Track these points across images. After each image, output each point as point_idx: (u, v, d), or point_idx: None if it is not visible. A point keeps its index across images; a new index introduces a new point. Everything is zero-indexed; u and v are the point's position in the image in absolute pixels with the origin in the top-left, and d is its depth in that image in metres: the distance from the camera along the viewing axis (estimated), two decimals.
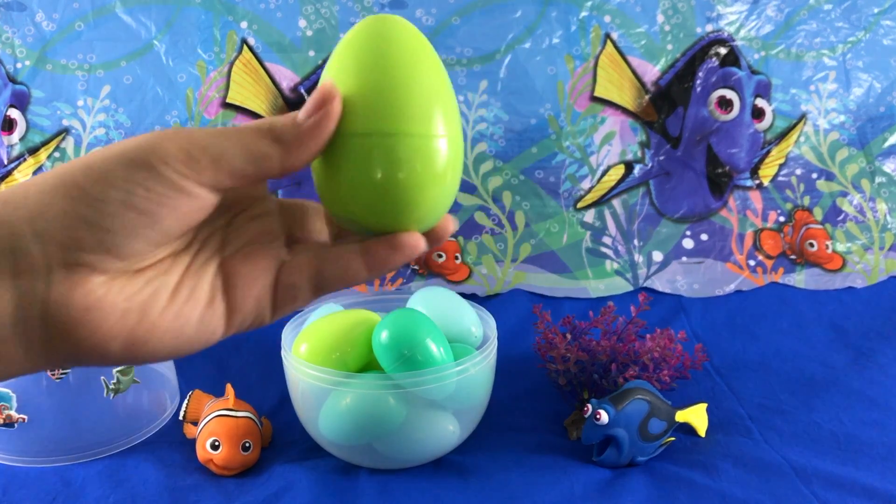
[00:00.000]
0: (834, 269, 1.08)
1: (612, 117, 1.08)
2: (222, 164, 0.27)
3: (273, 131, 0.28)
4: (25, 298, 0.25)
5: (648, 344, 0.80)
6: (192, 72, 1.03)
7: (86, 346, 0.27)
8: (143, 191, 0.26)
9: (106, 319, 0.26)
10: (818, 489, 0.68)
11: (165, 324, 0.28)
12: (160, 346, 0.28)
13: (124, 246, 0.26)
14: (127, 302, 0.27)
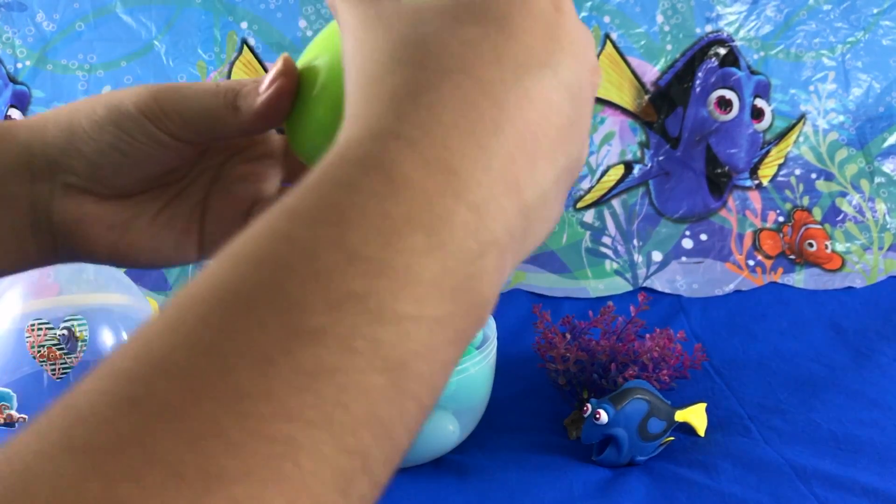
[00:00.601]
0: (833, 269, 1.08)
1: (611, 117, 1.08)
2: (189, 126, 0.30)
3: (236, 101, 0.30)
4: (37, 207, 0.31)
5: (648, 344, 0.81)
6: (193, 72, 1.03)
7: (79, 249, 0.32)
8: (128, 138, 0.30)
9: (93, 230, 0.32)
10: (817, 488, 0.68)
11: (143, 243, 0.33)
12: (139, 259, 0.33)
13: (111, 179, 0.31)
14: (111, 219, 0.32)
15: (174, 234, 0.33)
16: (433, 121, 0.20)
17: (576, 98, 0.23)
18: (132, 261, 0.33)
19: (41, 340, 0.74)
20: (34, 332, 0.74)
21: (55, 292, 0.77)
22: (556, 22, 0.23)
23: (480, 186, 0.20)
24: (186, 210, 0.34)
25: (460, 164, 0.20)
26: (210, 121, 0.30)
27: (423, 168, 0.19)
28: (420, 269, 0.18)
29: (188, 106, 0.30)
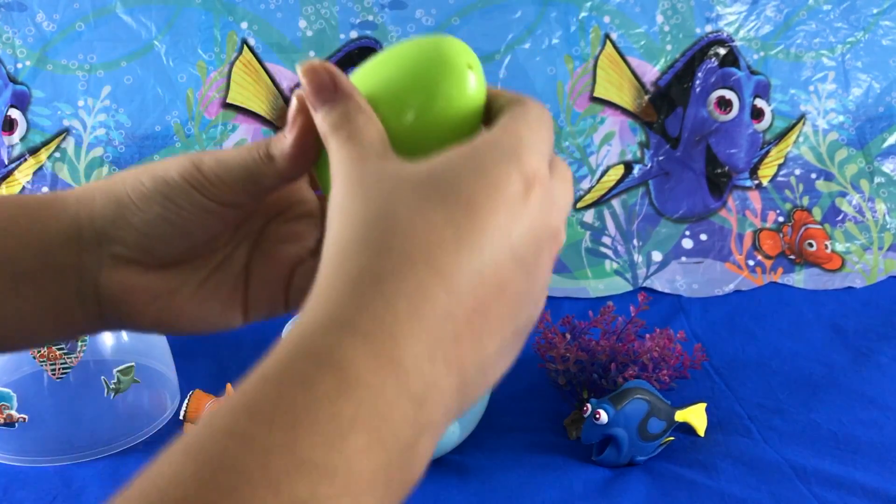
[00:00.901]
0: (833, 269, 1.08)
1: (611, 118, 1.08)
2: (231, 186, 0.31)
3: (269, 151, 0.30)
4: (85, 273, 0.32)
5: (648, 344, 0.81)
6: (193, 72, 1.03)
7: (124, 318, 0.33)
8: (176, 208, 0.31)
9: (139, 299, 0.32)
10: (817, 488, 0.68)
11: (188, 311, 0.33)
12: (184, 326, 0.33)
13: (158, 249, 0.32)
14: (157, 289, 0.32)
15: (219, 301, 0.34)
16: (388, 311, 0.22)
17: (531, 269, 0.25)
18: (177, 328, 0.33)
19: None
20: None
21: None
22: (524, 201, 0.24)
23: (423, 376, 0.22)
24: (230, 277, 0.34)
25: (408, 358, 0.22)
26: (250, 177, 0.30)
27: (373, 363, 0.21)
28: (360, 468, 0.20)
29: (227, 168, 0.30)
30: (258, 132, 1.04)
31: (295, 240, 0.34)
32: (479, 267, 0.23)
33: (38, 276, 0.31)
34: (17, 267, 0.31)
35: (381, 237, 0.23)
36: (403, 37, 1.05)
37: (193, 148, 1.03)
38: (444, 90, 0.28)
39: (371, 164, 0.25)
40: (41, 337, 0.34)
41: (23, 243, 0.31)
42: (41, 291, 0.31)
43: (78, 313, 0.32)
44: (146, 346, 0.82)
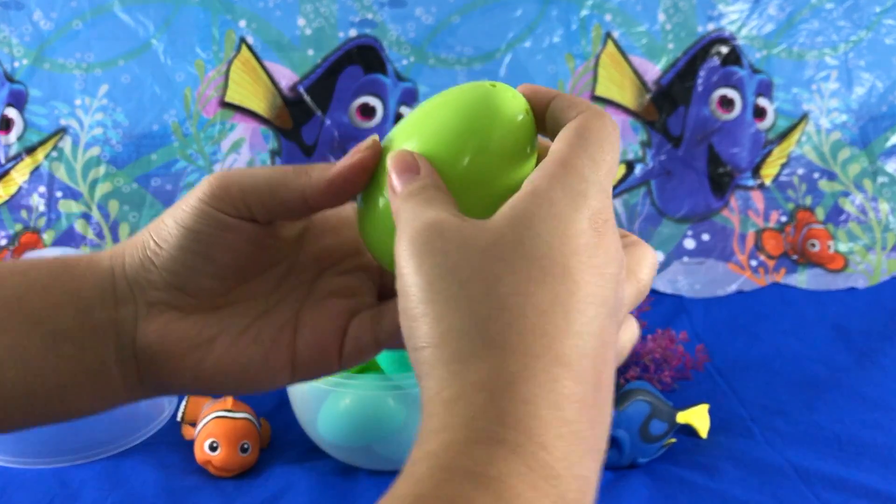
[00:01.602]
0: (836, 270, 1.07)
1: (613, 117, 1.07)
2: (252, 196, 0.30)
3: (307, 168, 0.30)
4: (123, 327, 0.31)
5: (649, 345, 0.80)
6: (191, 71, 1.03)
7: (164, 374, 0.31)
8: (194, 234, 0.30)
9: (177, 350, 0.31)
10: (820, 490, 0.68)
11: (230, 360, 0.31)
12: (226, 380, 0.32)
13: (188, 283, 0.31)
14: (197, 336, 0.31)
15: (262, 351, 0.32)
16: (531, 418, 0.22)
17: (617, 313, 0.26)
18: (219, 382, 0.32)
19: None
20: None
21: None
22: (598, 246, 0.25)
23: (575, 477, 0.22)
24: (275, 327, 0.32)
25: (559, 463, 0.22)
26: (271, 188, 0.30)
27: (529, 476, 0.21)
28: None
29: (248, 179, 0.30)
30: (256, 131, 1.04)
31: (350, 294, 0.33)
32: (592, 343, 0.24)
33: (76, 333, 0.30)
34: (57, 324, 0.30)
35: (499, 333, 0.23)
36: (403, 35, 1.05)
37: (191, 147, 1.03)
38: (497, 140, 0.28)
39: (450, 230, 0.25)
40: (79, 403, 0.32)
41: (62, 301, 0.30)
42: (80, 349, 0.30)
43: (116, 374, 0.31)
44: None
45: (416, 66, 1.05)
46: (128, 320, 0.31)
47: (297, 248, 0.34)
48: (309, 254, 0.34)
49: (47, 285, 0.30)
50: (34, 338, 0.30)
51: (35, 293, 0.30)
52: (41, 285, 0.30)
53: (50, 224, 1.01)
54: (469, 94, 0.29)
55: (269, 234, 0.32)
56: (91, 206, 1.01)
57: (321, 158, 1.04)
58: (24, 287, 0.30)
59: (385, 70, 1.05)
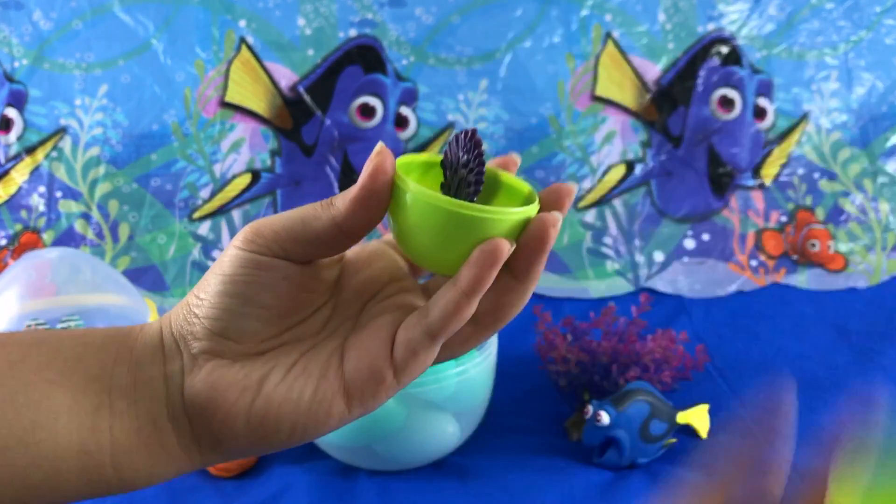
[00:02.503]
0: (836, 270, 1.07)
1: (613, 117, 1.07)
2: (287, 235, 0.31)
3: (332, 199, 0.31)
4: (172, 387, 0.31)
5: (650, 345, 0.80)
6: (191, 71, 1.03)
7: (216, 427, 0.31)
8: (231, 277, 0.31)
9: (227, 397, 0.31)
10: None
11: (280, 396, 0.31)
12: (279, 420, 0.31)
13: (232, 328, 0.31)
14: (245, 379, 0.31)
15: (312, 383, 0.31)
16: None
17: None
18: (272, 424, 0.31)
19: None
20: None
21: (52, 292, 0.76)
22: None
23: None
24: (322, 358, 0.32)
25: None
26: (304, 223, 0.30)
27: None
28: None
29: (279, 219, 0.31)
30: (256, 131, 1.04)
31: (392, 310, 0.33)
32: None
33: (129, 390, 0.31)
34: (112, 381, 0.31)
35: None
36: (403, 35, 1.05)
37: (191, 147, 1.03)
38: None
39: None
40: (134, 467, 0.31)
41: (116, 360, 0.31)
42: (133, 405, 0.31)
43: (170, 432, 0.31)
44: None
45: (416, 65, 1.05)
46: (176, 374, 0.31)
47: (338, 289, 0.34)
48: (349, 290, 0.34)
49: (102, 346, 0.32)
50: (90, 394, 0.30)
51: (91, 353, 0.31)
52: (97, 346, 0.31)
53: (50, 224, 1.01)
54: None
55: (310, 276, 0.33)
56: (91, 206, 1.01)
57: (321, 158, 1.04)
58: (82, 348, 0.31)
59: (385, 70, 1.05)
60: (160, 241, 1.01)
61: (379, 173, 0.30)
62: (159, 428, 0.31)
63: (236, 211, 1.03)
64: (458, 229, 0.30)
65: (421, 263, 0.33)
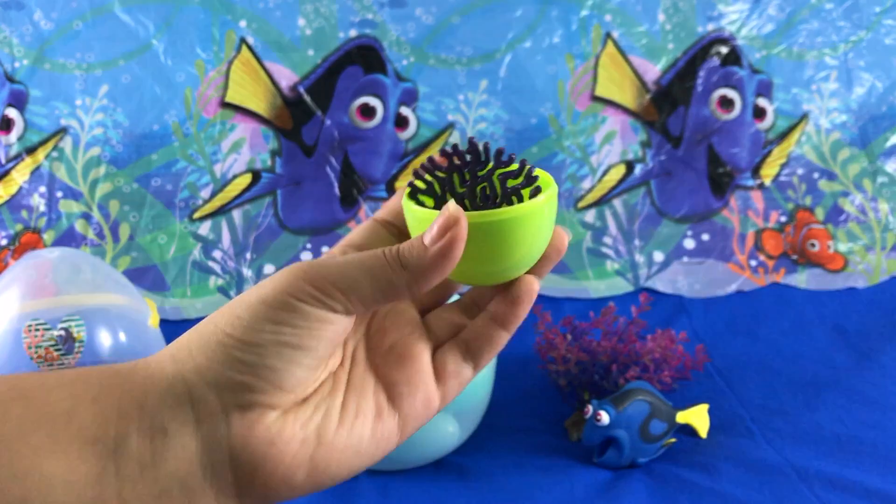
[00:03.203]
0: (836, 270, 1.07)
1: (612, 117, 1.07)
2: (353, 295, 0.29)
3: (402, 260, 0.29)
4: (211, 444, 0.27)
5: (649, 344, 0.80)
6: (191, 71, 1.03)
7: (273, 482, 0.28)
8: (289, 329, 0.28)
9: (288, 450, 0.28)
10: (820, 490, 0.68)
11: (341, 443, 0.30)
12: (341, 465, 0.30)
13: (287, 378, 0.28)
14: (303, 430, 0.29)
15: (369, 424, 0.31)
16: None
17: None
18: (333, 472, 0.29)
19: (38, 341, 0.73)
20: (31, 332, 0.73)
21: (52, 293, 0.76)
22: None
23: None
24: (370, 392, 0.32)
25: None
26: (379, 285, 0.28)
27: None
28: None
29: (343, 275, 0.28)
30: (257, 131, 1.04)
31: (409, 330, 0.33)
32: None
33: (144, 452, 0.26)
34: (119, 443, 0.26)
35: None
36: (403, 35, 1.05)
37: (191, 147, 1.03)
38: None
39: None
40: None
41: (122, 415, 0.27)
42: (151, 468, 0.26)
43: (205, 490, 0.27)
44: (144, 347, 0.81)
45: (416, 66, 1.05)
46: (215, 431, 0.27)
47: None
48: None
49: (97, 398, 0.27)
50: (88, 459, 0.26)
51: (85, 408, 0.26)
52: (90, 398, 0.26)
53: (50, 224, 1.01)
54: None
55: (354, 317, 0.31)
56: (91, 206, 1.01)
57: (321, 158, 1.04)
58: (71, 401, 0.26)
59: (385, 70, 1.05)
60: (161, 241, 1.02)
61: (456, 247, 0.28)
62: (190, 489, 0.27)
63: (236, 211, 1.03)
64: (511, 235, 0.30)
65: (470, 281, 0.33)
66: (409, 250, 0.29)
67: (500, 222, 0.29)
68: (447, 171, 0.33)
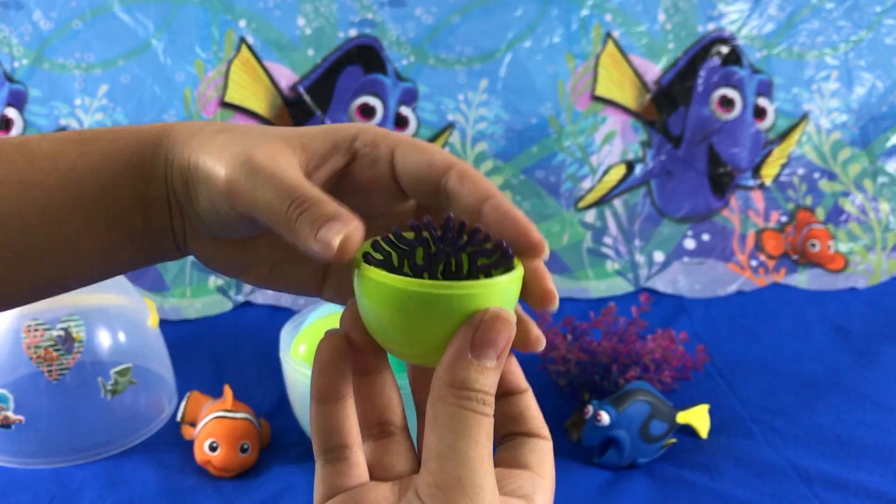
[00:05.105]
0: (836, 270, 1.07)
1: (613, 116, 1.07)
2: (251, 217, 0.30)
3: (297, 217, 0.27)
4: (177, 233, 0.34)
5: (650, 345, 0.80)
6: (191, 71, 1.03)
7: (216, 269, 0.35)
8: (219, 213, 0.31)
9: (220, 266, 0.34)
10: (820, 490, 0.68)
11: (265, 284, 0.35)
12: (266, 287, 0.36)
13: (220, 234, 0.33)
14: (235, 260, 0.34)
15: (292, 287, 0.35)
16: None
17: None
18: (261, 287, 0.36)
19: (38, 341, 0.73)
20: (31, 332, 0.73)
21: None
22: None
23: None
24: (305, 273, 0.34)
25: None
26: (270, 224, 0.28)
27: None
28: None
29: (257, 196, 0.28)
30: None
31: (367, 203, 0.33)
32: None
33: (146, 231, 0.33)
34: (131, 225, 0.33)
35: None
36: (403, 35, 1.05)
37: None
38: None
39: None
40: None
41: (133, 203, 0.33)
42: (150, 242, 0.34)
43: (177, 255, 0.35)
44: (143, 347, 0.81)
45: (416, 65, 1.05)
46: (179, 229, 0.34)
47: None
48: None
49: (119, 185, 0.32)
50: (114, 235, 0.33)
51: (108, 193, 0.32)
52: (112, 184, 0.32)
53: None
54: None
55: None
56: None
57: None
58: (100, 190, 0.32)
59: (385, 70, 1.05)
60: None
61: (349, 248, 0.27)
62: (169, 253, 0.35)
63: None
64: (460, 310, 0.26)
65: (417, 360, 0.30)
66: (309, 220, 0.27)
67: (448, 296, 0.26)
68: (412, 244, 0.28)
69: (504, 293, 0.27)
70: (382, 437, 0.32)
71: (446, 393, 0.26)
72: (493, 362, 0.26)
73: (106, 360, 0.77)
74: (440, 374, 0.26)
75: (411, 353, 0.29)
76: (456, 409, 0.26)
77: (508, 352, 0.27)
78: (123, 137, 0.33)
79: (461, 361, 0.26)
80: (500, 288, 0.27)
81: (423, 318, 0.27)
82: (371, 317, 0.28)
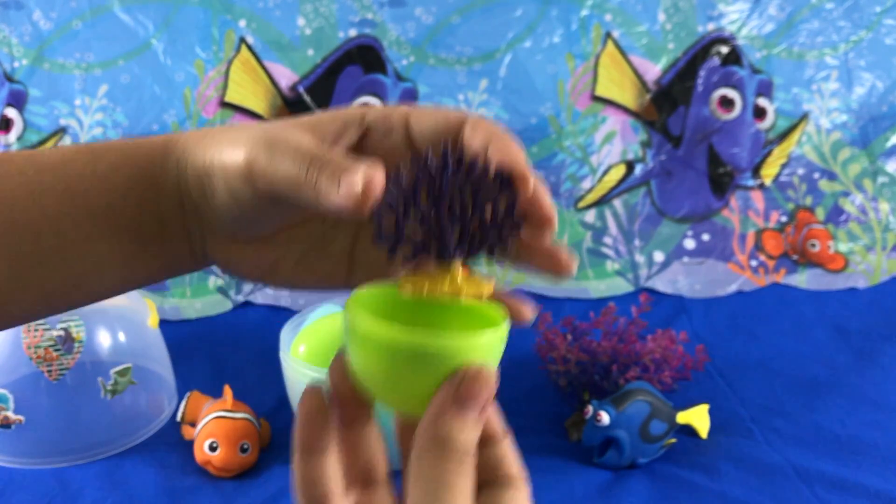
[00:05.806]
0: (836, 270, 1.07)
1: (612, 117, 1.07)
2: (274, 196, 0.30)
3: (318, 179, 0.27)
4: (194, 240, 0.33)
5: (650, 345, 0.80)
6: (191, 71, 1.03)
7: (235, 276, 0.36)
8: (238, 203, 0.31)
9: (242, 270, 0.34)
10: (820, 490, 0.68)
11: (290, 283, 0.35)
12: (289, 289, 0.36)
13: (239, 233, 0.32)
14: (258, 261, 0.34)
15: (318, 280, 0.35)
16: None
17: None
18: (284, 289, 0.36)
19: (38, 341, 0.73)
20: (31, 332, 0.73)
21: None
22: None
23: None
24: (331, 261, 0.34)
25: None
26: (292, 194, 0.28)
27: None
28: None
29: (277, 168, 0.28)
30: None
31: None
32: None
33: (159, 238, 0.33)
34: (143, 232, 0.33)
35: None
36: (403, 35, 1.05)
37: None
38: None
39: None
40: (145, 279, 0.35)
41: (144, 210, 0.33)
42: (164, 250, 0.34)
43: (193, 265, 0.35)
44: (143, 347, 0.81)
45: (416, 65, 1.05)
46: (196, 236, 0.33)
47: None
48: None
49: (128, 193, 0.32)
50: (124, 243, 0.32)
51: (117, 201, 0.32)
52: (123, 193, 0.32)
53: None
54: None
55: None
56: None
57: None
58: (108, 197, 0.32)
59: (385, 70, 1.05)
60: None
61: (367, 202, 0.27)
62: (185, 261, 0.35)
63: None
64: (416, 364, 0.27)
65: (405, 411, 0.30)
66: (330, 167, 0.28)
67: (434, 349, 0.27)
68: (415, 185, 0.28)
69: (488, 348, 0.28)
70: (366, 486, 0.32)
71: (428, 447, 0.27)
72: (475, 418, 0.27)
73: (106, 360, 0.77)
74: (422, 428, 0.27)
75: (397, 403, 0.29)
76: (437, 463, 0.27)
77: (489, 408, 0.28)
78: (131, 147, 0.33)
79: (443, 417, 0.27)
80: (485, 342, 0.28)
81: (409, 368, 0.27)
82: (359, 365, 0.29)
